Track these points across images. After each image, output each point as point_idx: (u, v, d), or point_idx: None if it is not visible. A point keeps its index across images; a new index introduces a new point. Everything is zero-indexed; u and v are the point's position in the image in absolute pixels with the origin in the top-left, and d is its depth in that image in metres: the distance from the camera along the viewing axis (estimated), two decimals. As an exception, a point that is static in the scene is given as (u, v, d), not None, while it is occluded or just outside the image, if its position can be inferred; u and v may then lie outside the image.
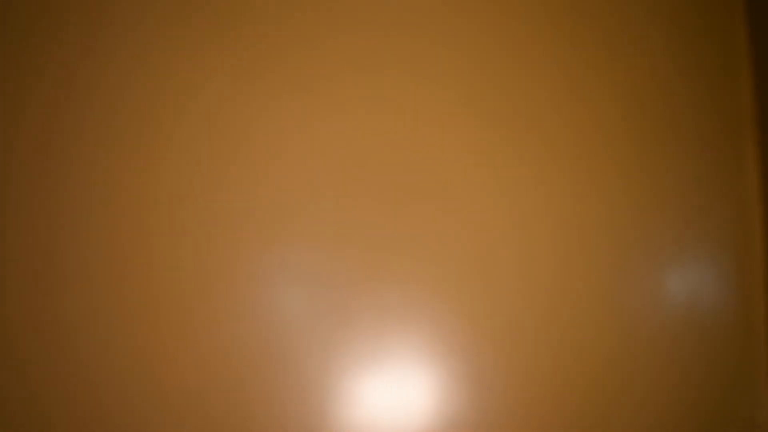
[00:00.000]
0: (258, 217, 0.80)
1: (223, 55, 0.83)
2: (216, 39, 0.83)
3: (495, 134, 0.87)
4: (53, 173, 0.78)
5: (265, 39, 0.84)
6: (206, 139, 0.81)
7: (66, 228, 0.77)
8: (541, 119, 0.88)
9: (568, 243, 0.86)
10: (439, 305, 0.82)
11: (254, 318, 0.79)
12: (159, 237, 0.78)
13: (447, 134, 0.86)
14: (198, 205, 0.80)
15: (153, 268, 0.78)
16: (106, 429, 0.75)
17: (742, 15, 0.93)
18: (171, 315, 0.77)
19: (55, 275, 0.76)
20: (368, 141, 0.84)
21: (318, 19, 0.85)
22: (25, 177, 0.78)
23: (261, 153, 0.82)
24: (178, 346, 0.77)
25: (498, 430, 0.81)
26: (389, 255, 0.82)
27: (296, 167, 0.82)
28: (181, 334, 0.77)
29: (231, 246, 0.79)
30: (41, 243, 0.77)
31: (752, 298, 0.89)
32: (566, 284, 0.86)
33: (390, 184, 0.83)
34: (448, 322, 0.82)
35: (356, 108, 0.84)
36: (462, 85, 0.87)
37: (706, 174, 0.90)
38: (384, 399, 0.80)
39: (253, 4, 0.84)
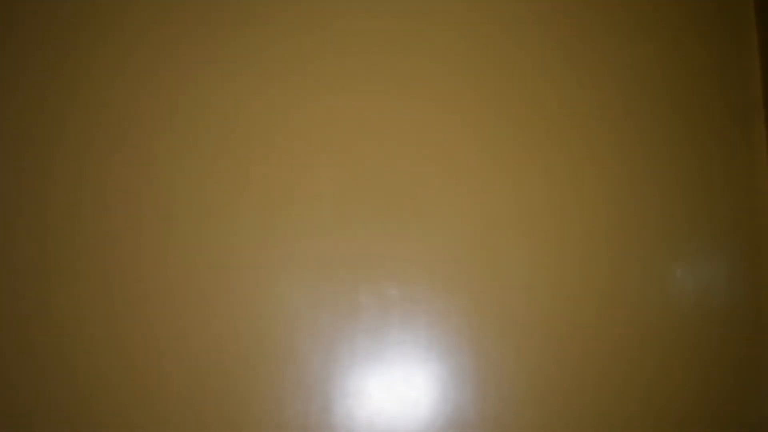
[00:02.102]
0: (259, 210, 0.81)
1: (239, 62, 0.84)
2: (231, 50, 0.84)
3: (502, 130, 0.87)
4: (41, 169, 0.80)
5: (275, 49, 0.85)
6: (207, 135, 0.82)
7: (58, 225, 0.78)
8: (548, 114, 0.88)
9: (575, 238, 0.86)
10: (443, 299, 0.82)
11: (253, 312, 0.79)
12: (152, 230, 0.79)
13: (453, 129, 0.86)
14: (207, 199, 0.81)
15: (160, 262, 0.79)
16: (100, 423, 0.76)
17: (752, 6, 0.92)
18: (164, 310, 0.78)
19: (46, 272, 0.77)
20: (374, 133, 0.84)
21: (326, 31, 0.86)
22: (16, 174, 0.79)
23: (267, 149, 0.82)
24: (171, 341, 0.78)
25: (503, 426, 0.81)
26: (393, 248, 0.82)
27: (300, 161, 0.83)
28: (174, 329, 0.78)
29: (237, 240, 0.80)
30: (32, 240, 0.78)
31: (761, 291, 0.88)
32: (574, 279, 0.85)
33: (395, 178, 0.83)
34: (452, 316, 0.82)
35: (363, 102, 0.85)
36: (464, 80, 0.87)
37: (715, 167, 0.90)
38: (388, 394, 0.80)
39: (264, 14, 0.85)
